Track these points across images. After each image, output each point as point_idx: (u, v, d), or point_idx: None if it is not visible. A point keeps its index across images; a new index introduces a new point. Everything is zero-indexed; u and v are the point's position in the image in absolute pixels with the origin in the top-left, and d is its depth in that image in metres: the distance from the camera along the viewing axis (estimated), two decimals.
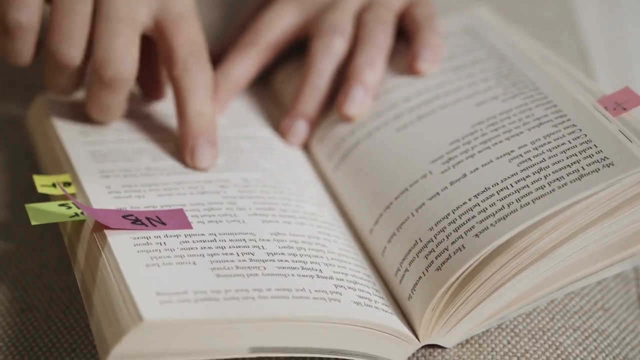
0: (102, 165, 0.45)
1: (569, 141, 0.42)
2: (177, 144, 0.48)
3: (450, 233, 0.41)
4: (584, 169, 0.40)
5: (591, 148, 0.41)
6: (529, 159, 0.42)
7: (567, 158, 0.41)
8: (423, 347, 0.42)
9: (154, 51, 0.49)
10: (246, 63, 0.52)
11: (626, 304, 0.45)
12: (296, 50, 0.55)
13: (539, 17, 0.62)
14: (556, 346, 0.42)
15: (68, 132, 0.48)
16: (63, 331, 0.43)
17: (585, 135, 0.41)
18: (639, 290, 0.46)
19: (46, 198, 0.44)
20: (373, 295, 0.42)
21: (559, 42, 0.60)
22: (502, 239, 0.39)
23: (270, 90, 0.55)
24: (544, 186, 0.40)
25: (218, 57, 0.55)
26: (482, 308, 0.40)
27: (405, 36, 0.52)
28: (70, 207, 0.41)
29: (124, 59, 0.45)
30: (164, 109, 0.51)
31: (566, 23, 0.62)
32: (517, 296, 0.41)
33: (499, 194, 0.41)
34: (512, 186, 0.41)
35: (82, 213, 0.41)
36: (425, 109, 0.48)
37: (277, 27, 0.53)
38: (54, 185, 0.44)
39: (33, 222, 0.40)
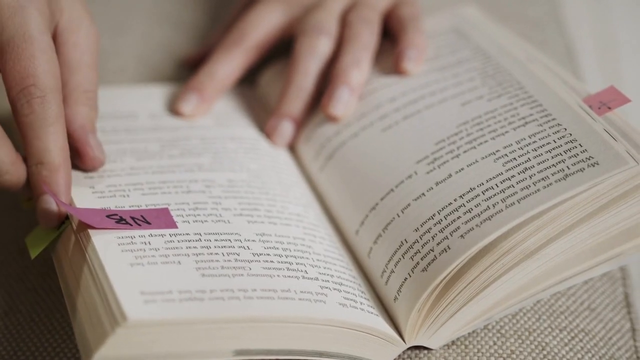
0: None
1: (554, 140, 0.41)
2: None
3: (436, 234, 0.40)
4: (569, 168, 0.40)
5: (576, 147, 0.41)
6: (514, 158, 0.41)
7: (552, 157, 0.41)
8: (409, 348, 0.42)
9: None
10: (231, 63, 0.52)
11: (612, 304, 0.45)
12: (282, 49, 0.54)
13: (527, 16, 0.62)
14: (542, 346, 0.42)
15: None
16: (47, 335, 0.43)
17: (571, 135, 0.41)
18: (626, 290, 0.46)
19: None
20: (359, 297, 0.41)
21: (546, 41, 0.60)
22: (487, 240, 0.39)
23: (256, 90, 0.55)
24: (529, 186, 0.40)
25: (203, 57, 0.55)
26: (468, 309, 0.40)
27: (391, 36, 0.52)
28: None
29: None
30: (149, 109, 0.51)
31: (554, 22, 0.62)
32: (503, 297, 0.41)
33: (484, 194, 0.41)
34: (497, 186, 0.41)
35: (67, 219, 0.41)
36: (411, 109, 0.48)
37: (262, 26, 0.53)
38: None
39: (33, 255, 0.41)
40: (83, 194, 0.43)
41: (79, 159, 0.43)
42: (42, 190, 0.40)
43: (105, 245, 0.39)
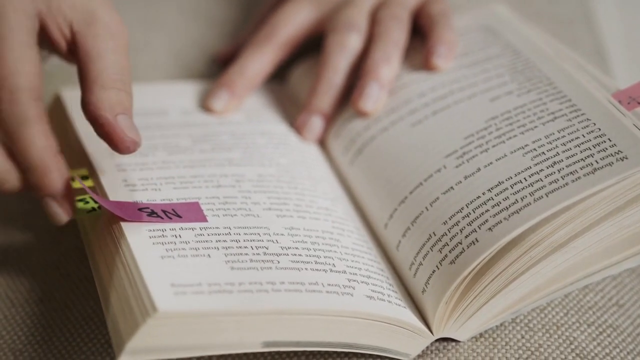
0: (118, 159, 0.46)
1: (583, 135, 0.42)
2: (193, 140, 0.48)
3: (464, 227, 0.41)
4: (597, 162, 0.40)
5: (605, 142, 0.41)
6: (543, 153, 0.42)
7: (581, 152, 0.41)
8: (437, 340, 0.42)
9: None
10: (262, 59, 0.53)
11: None
12: (313, 47, 0.55)
13: (556, 15, 0.62)
14: (570, 341, 0.42)
15: (86, 128, 0.48)
16: (81, 321, 0.44)
17: (600, 129, 0.41)
18: None
19: None
20: (386, 290, 0.42)
21: (576, 39, 0.60)
22: (515, 233, 0.39)
23: (287, 87, 0.56)
24: (558, 180, 0.40)
25: (234, 54, 0.55)
26: (495, 301, 0.40)
27: (421, 33, 0.52)
28: (87, 202, 0.42)
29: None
30: (180, 106, 0.52)
31: (583, 21, 0.62)
32: (531, 290, 0.41)
33: (512, 187, 0.41)
34: (526, 180, 0.41)
35: (99, 207, 0.41)
36: (440, 104, 0.48)
37: (292, 23, 0.53)
38: (72, 178, 0.44)
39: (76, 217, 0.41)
40: (115, 187, 0.43)
41: (111, 144, 0.41)
42: (38, 194, 0.39)
43: (137, 238, 0.40)
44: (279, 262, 0.40)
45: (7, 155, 0.39)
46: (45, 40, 0.42)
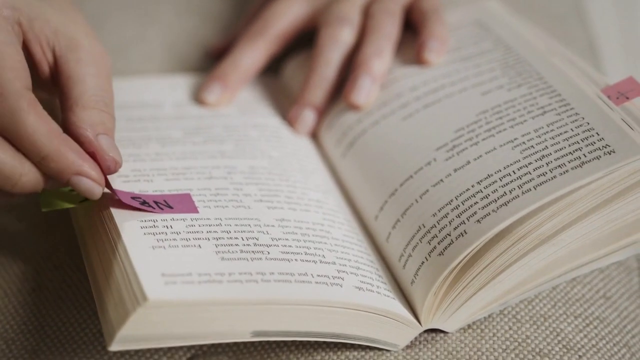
0: None
1: (571, 129, 0.42)
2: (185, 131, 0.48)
3: (453, 219, 0.41)
4: (585, 156, 0.40)
5: (593, 136, 0.41)
6: (532, 146, 0.42)
7: (569, 145, 0.41)
8: (425, 331, 0.42)
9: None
10: (255, 52, 0.53)
11: (628, 293, 0.45)
12: (306, 40, 0.55)
13: (549, 10, 0.62)
14: (557, 332, 0.42)
15: None
16: (73, 311, 0.44)
17: (588, 124, 0.42)
18: None
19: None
20: (375, 281, 0.42)
21: (569, 35, 0.60)
22: (503, 225, 0.39)
23: (280, 80, 0.56)
24: (546, 173, 0.40)
25: (228, 47, 0.56)
26: (483, 293, 0.41)
27: (413, 28, 0.53)
28: None
29: None
30: (174, 98, 0.52)
31: (576, 16, 0.62)
32: (519, 282, 0.41)
33: (501, 180, 0.41)
34: (515, 173, 0.41)
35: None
36: (431, 97, 0.48)
37: (285, 17, 0.53)
38: None
39: (44, 209, 0.41)
40: (109, 178, 0.44)
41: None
42: (63, 179, 0.39)
43: (129, 228, 0.40)
44: (269, 252, 0.41)
45: (15, 150, 0.39)
46: (27, 63, 0.41)
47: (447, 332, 0.42)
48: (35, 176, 0.39)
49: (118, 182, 0.43)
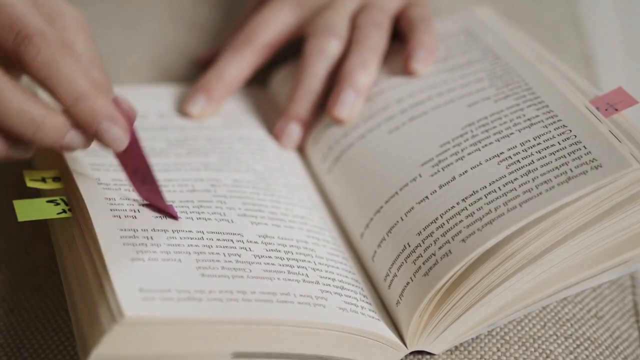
0: (93, 159, 0.45)
1: (558, 142, 0.41)
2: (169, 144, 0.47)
3: (438, 238, 0.40)
4: (572, 171, 0.39)
5: (580, 149, 0.40)
6: (518, 161, 0.41)
7: (556, 160, 0.40)
8: (411, 353, 0.41)
9: None
10: (240, 63, 0.52)
11: (620, 312, 0.44)
12: (295, 50, 0.54)
13: (544, 20, 0.61)
14: (547, 354, 0.41)
15: None
16: (51, 332, 0.43)
17: (575, 136, 0.41)
18: (635, 298, 0.45)
19: (37, 195, 0.44)
20: (360, 301, 0.41)
21: (563, 44, 0.59)
22: (488, 245, 0.38)
23: (267, 91, 0.55)
24: (532, 189, 0.39)
25: (214, 57, 0.55)
26: (470, 314, 0.40)
27: (401, 37, 0.52)
28: (58, 204, 0.41)
29: None
30: (158, 109, 0.51)
31: (571, 25, 0.61)
32: (507, 302, 0.40)
33: (486, 197, 0.40)
34: (500, 189, 0.40)
35: (69, 210, 0.41)
36: (418, 110, 0.47)
37: (272, 27, 0.52)
38: (43, 179, 0.44)
39: (20, 219, 0.40)
40: (90, 186, 0.43)
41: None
42: (95, 123, 0.38)
43: (108, 237, 0.39)
44: (251, 270, 0.40)
45: (39, 100, 0.38)
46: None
47: (433, 354, 0.41)
48: (59, 121, 0.38)
49: (99, 189, 0.42)
